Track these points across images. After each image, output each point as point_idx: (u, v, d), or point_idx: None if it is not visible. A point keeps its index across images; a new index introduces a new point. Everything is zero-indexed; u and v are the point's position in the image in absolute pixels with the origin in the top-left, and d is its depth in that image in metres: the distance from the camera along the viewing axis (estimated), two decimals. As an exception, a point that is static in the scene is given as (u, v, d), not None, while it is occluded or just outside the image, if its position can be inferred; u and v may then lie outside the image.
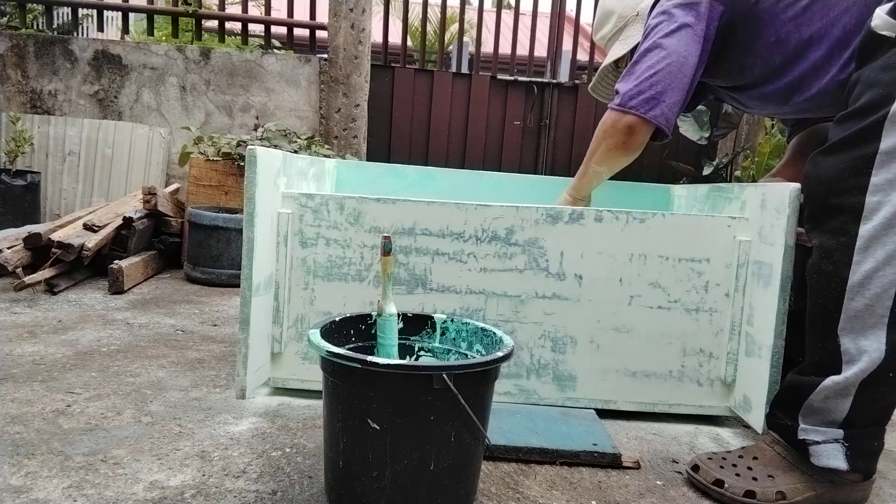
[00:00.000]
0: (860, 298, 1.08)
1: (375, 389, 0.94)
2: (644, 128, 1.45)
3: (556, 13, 4.48)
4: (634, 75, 1.47)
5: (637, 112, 1.44)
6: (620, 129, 1.48)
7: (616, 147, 1.50)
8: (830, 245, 1.12)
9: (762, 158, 3.16)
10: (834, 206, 1.12)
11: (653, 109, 1.43)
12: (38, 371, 1.59)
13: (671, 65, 1.42)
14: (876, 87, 1.10)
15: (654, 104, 1.43)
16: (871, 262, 1.07)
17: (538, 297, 1.49)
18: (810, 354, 1.17)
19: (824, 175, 1.14)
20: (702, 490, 1.19)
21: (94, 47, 3.68)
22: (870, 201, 1.07)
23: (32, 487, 1.05)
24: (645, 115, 1.43)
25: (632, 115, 1.45)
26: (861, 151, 1.09)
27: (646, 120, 1.44)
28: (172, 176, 3.76)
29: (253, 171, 1.37)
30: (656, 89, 1.43)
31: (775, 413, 1.22)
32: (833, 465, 1.11)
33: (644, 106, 1.43)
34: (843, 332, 1.10)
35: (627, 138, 1.47)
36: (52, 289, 2.41)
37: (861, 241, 1.08)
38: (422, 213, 1.47)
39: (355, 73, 3.73)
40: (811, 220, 1.18)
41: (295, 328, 1.50)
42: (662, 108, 1.43)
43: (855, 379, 1.08)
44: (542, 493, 1.15)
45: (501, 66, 4.32)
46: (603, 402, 1.52)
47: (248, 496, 1.06)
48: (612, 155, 1.53)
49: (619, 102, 1.48)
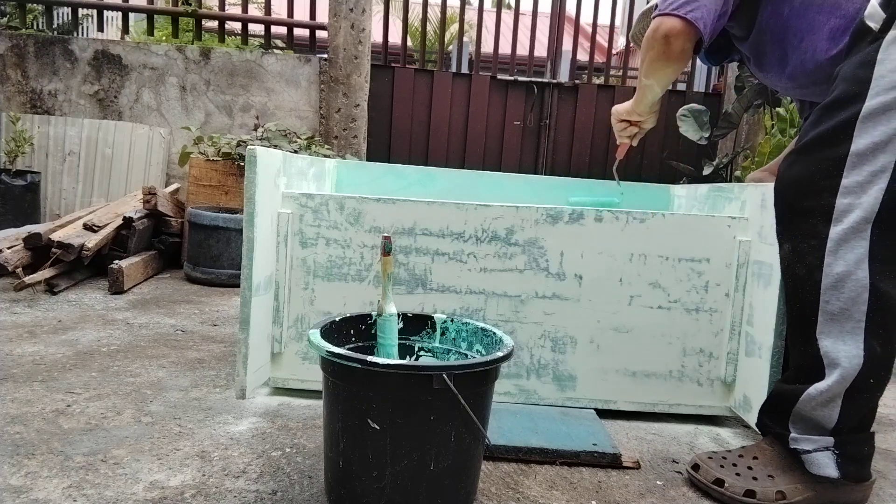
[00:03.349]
0: (836, 301, 1.07)
1: (375, 389, 0.94)
2: (683, 30, 1.42)
3: (556, 13, 4.48)
4: None
5: (675, 13, 1.41)
6: (660, 36, 1.45)
7: (659, 57, 1.48)
8: (802, 248, 1.12)
9: (762, 158, 3.16)
10: (805, 209, 1.11)
11: (691, 10, 1.40)
12: (38, 371, 1.59)
13: None
14: (849, 83, 1.09)
15: (691, 6, 1.40)
16: (842, 265, 1.06)
17: (538, 297, 1.49)
18: (793, 360, 1.17)
19: (796, 176, 1.14)
20: (702, 489, 1.19)
21: (94, 47, 3.68)
22: (840, 203, 1.07)
23: (32, 487, 1.05)
24: (684, 14, 1.40)
25: (670, 17, 1.42)
26: (832, 153, 1.08)
27: (684, 20, 1.41)
28: (172, 176, 3.76)
29: (253, 171, 1.37)
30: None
31: (765, 421, 1.22)
32: (825, 473, 1.11)
33: (683, 7, 1.41)
34: (822, 335, 1.09)
35: (667, 45, 1.45)
36: (52, 289, 2.41)
37: (831, 243, 1.07)
38: (422, 213, 1.47)
39: (355, 73, 3.73)
40: (782, 222, 1.18)
41: (295, 328, 1.50)
42: (701, 9, 1.40)
43: (839, 388, 1.08)
44: (542, 493, 1.15)
45: (501, 66, 4.32)
46: (603, 402, 1.52)
47: (248, 496, 1.06)
48: (658, 66, 1.50)
49: (658, 10, 1.46)
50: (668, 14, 1.43)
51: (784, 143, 3.07)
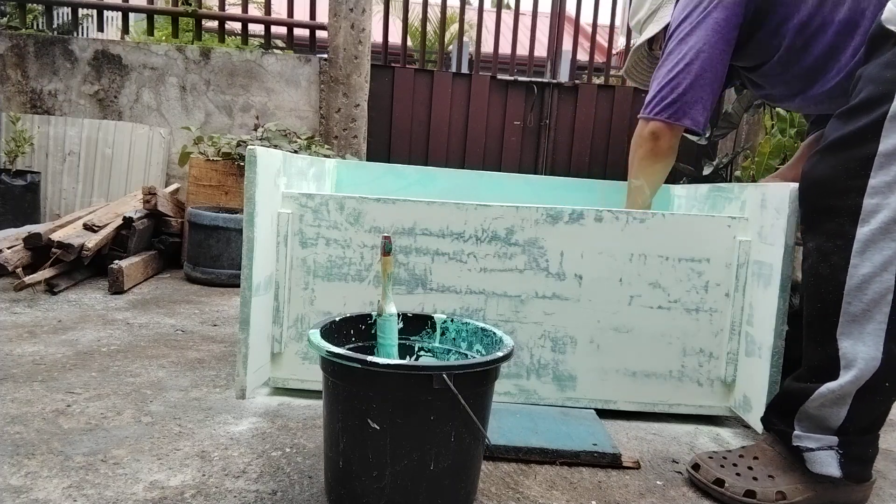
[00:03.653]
0: (858, 303, 1.06)
1: (375, 389, 0.94)
2: (669, 132, 1.45)
3: (556, 13, 4.48)
4: (656, 81, 1.47)
5: (660, 118, 1.45)
6: (646, 136, 1.49)
7: (647, 155, 1.51)
8: (827, 248, 1.10)
9: (762, 158, 3.16)
10: (831, 208, 1.10)
11: (676, 113, 1.43)
12: (38, 371, 1.59)
13: (695, 61, 1.41)
14: (876, 84, 1.08)
15: (675, 108, 1.42)
16: (869, 267, 1.05)
17: (538, 297, 1.49)
18: (808, 359, 1.15)
19: (821, 176, 1.13)
20: (702, 489, 1.19)
21: (94, 47, 3.68)
22: (867, 203, 1.06)
23: (32, 487, 1.05)
24: (667, 120, 1.43)
25: (655, 121, 1.46)
26: (859, 153, 1.07)
27: (669, 124, 1.44)
28: (172, 176, 3.76)
29: (253, 171, 1.37)
30: (677, 92, 1.42)
31: (770, 418, 1.21)
32: (826, 472, 1.11)
33: (665, 111, 1.44)
34: (843, 336, 1.08)
35: (654, 144, 1.48)
36: (52, 289, 2.41)
37: (858, 244, 1.06)
38: (422, 213, 1.47)
39: (355, 73, 3.73)
40: (807, 221, 1.17)
41: (295, 328, 1.50)
42: (686, 109, 1.42)
43: (851, 387, 1.07)
44: (542, 493, 1.15)
45: (501, 66, 4.32)
46: (603, 402, 1.52)
47: (248, 496, 1.06)
48: (646, 164, 1.53)
49: (644, 112, 1.50)
50: (653, 120, 1.46)
51: (784, 142, 3.07)
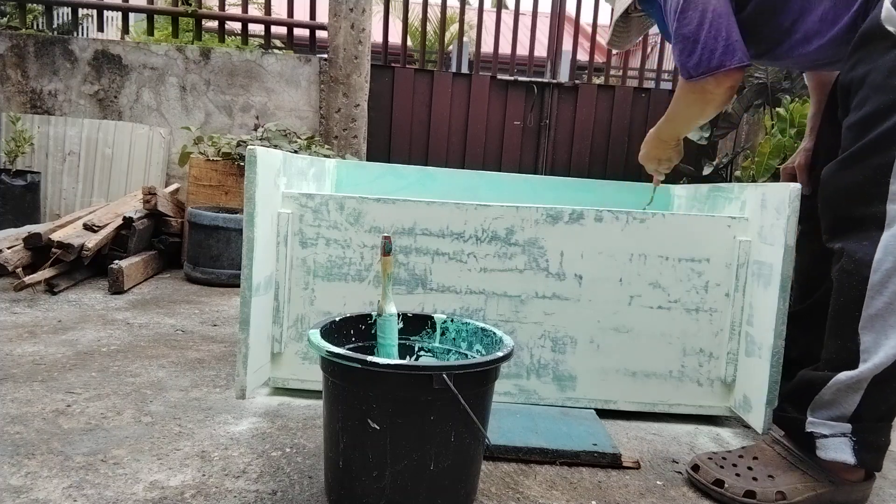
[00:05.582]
0: (880, 297, 1.08)
1: (375, 389, 0.94)
2: (738, 74, 1.38)
3: (556, 13, 4.48)
4: (688, 40, 1.39)
5: (728, 66, 1.35)
6: (715, 90, 1.40)
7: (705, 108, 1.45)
8: (853, 248, 1.13)
9: (762, 158, 3.16)
10: (856, 217, 1.13)
11: (732, 57, 1.35)
12: (38, 371, 1.59)
13: (715, 10, 1.36)
14: (885, 93, 1.10)
15: (729, 52, 1.35)
16: (892, 261, 1.07)
17: (538, 297, 1.49)
18: (828, 351, 1.17)
19: (843, 185, 1.16)
20: (702, 490, 1.19)
21: (94, 47, 3.68)
22: (891, 209, 1.09)
23: (32, 487, 1.05)
24: (735, 65, 1.35)
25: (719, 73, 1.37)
26: (879, 160, 1.10)
27: (733, 70, 1.36)
28: (172, 176, 3.76)
29: (253, 171, 1.37)
30: (722, 38, 1.35)
31: (784, 407, 1.22)
32: (840, 458, 1.11)
33: (727, 57, 1.35)
34: (864, 329, 1.10)
35: (727, 92, 1.41)
36: (52, 289, 2.41)
37: (883, 242, 1.09)
38: (422, 213, 1.47)
39: (355, 73, 3.73)
40: (833, 230, 1.19)
41: (295, 328, 1.50)
42: (736, 47, 1.36)
43: (868, 374, 1.09)
44: (542, 493, 1.15)
45: (501, 66, 4.32)
46: (603, 402, 1.52)
47: (248, 496, 1.06)
48: (710, 113, 1.49)
49: (701, 70, 1.38)
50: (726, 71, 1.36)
51: (784, 142, 3.07)
